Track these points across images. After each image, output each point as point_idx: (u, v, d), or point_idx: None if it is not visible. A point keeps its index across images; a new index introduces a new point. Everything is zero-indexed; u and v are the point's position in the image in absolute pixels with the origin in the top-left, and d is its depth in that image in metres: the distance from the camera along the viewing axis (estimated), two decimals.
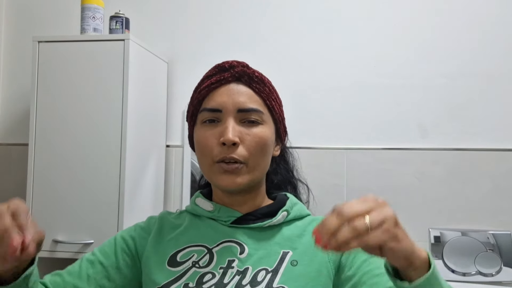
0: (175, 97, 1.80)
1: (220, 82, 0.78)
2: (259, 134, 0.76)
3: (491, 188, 1.58)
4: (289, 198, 0.84)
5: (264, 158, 0.78)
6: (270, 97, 0.80)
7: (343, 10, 1.73)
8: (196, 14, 1.81)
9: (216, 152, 0.75)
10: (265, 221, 0.78)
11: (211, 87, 0.78)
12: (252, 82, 0.78)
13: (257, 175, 0.78)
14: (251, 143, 0.75)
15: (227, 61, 0.80)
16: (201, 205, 0.83)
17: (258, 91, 0.78)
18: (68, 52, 1.47)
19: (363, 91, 1.69)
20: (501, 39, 1.63)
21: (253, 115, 0.76)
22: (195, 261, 0.75)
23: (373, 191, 1.78)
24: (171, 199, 1.77)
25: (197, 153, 0.80)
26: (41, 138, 1.46)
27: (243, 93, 0.77)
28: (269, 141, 0.78)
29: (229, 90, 0.77)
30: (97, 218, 1.42)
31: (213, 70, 0.80)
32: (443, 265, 1.55)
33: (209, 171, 0.77)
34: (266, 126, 0.78)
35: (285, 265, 0.73)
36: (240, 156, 0.74)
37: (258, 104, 0.78)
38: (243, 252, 0.75)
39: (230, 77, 0.78)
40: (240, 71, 0.78)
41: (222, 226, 0.79)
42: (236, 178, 0.75)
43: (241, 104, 0.76)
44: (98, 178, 1.43)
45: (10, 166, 1.84)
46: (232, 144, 0.74)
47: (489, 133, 1.61)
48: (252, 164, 0.76)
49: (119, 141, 1.43)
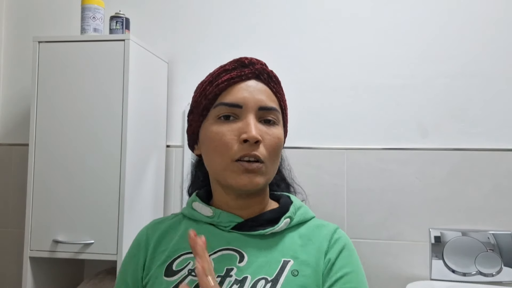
0: (175, 97, 1.80)
1: (241, 77, 0.74)
2: (278, 135, 0.75)
3: (491, 188, 1.58)
4: (293, 202, 0.80)
5: (278, 159, 0.76)
6: (283, 98, 0.79)
7: (343, 10, 1.73)
8: (196, 14, 1.81)
9: (236, 149, 0.71)
10: (267, 229, 0.74)
11: (231, 81, 0.74)
12: (270, 81, 0.77)
13: (270, 177, 0.75)
14: (271, 143, 0.73)
15: (246, 57, 0.77)
16: (199, 210, 0.79)
17: (275, 90, 0.77)
18: (68, 52, 1.47)
19: (364, 91, 1.69)
20: (502, 40, 1.63)
21: (272, 114, 0.74)
22: (191, 269, 0.72)
23: (373, 191, 1.81)
24: (171, 199, 1.77)
25: (208, 151, 0.75)
26: (41, 138, 1.46)
27: (263, 91, 0.75)
28: (283, 143, 0.77)
29: (249, 86, 0.74)
30: (97, 218, 1.42)
31: (232, 64, 0.77)
32: (444, 265, 1.55)
33: (225, 170, 0.72)
34: (280, 127, 0.76)
35: (286, 275, 0.70)
36: (261, 154, 0.71)
37: (276, 104, 0.76)
38: (242, 260, 0.72)
39: (250, 73, 0.75)
40: (260, 68, 0.76)
41: (221, 232, 0.76)
42: (255, 177, 0.71)
43: (263, 102, 0.73)
44: (98, 178, 1.43)
45: (10, 166, 1.84)
46: (255, 142, 0.71)
47: (489, 133, 1.61)
48: (269, 165, 0.73)
49: (119, 141, 1.43)
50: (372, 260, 1.61)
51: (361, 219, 1.64)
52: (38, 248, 1.43)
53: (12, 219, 1.81)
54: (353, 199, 1.65)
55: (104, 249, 1.41)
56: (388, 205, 1.63)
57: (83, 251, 1.41)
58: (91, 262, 1.76)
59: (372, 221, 1.64)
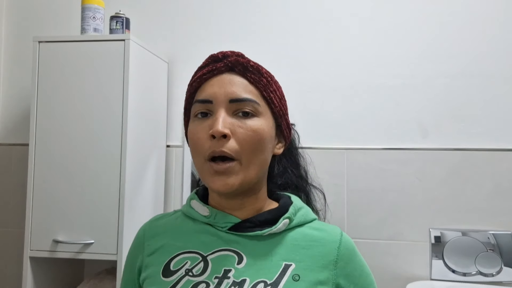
0: (175, 97, 1.80)
1: (212, 72, 0.72)
2: (253, 127, 0.69)
3: (491, 188, 1.58)
4: (293, 203, 0.77)
5: (260, 154, 0.70)
6: (267, 89, 0.73)
7: (343, 10, 1.73)
8: (196, 14, 1.81)
9: (206, 147, 0.69)
10: (265, 229, 0.72)
11: (203, 78, 0.73)
12: (246, 72, 0.72)
13: (251, 175, 0.70)
14: (244, 136, 0.68)
15: (222, 51, 0.74)
16: (196, 209, 0.77)
17: (253, 81, 0.72)
18: (68, 52, 1.47)
19: (364, 91, 1.69)
20: (502, 40, 1.63)
21: (247, 105, 0.70)
22: (188, 268, 0.71)
23: (373, 191, 1.80)
24: (171, 199, 1.77)
25: (191, 152, 0.74)
26: (41, 138, 1.46)
27: (236, 83, 0.71)
28: (266, 135, 0.71)
29: (221, 80, 0.72)
30: (98, 218, 1.42)
31: (206, 61, 0.75)
32: (444, 265, 1.55)
33: (201, 171, 0.71)
34: (262, 118, 0.71)
35: (286, 279, 0.68)
36: (230, 150, 0.67)
37: (253, 95, 0.71)
38: (241, 262, 0.70)
39: (222, 66, 0.72)
40: (233, 61, 0.72)
41: (219, 232, 0.74)
42: (227, 179, 0.68)
43: (233, 94, 0.70)
44: (99, 178, 1.43)
45: (10, 166, 1.84)
46: (223, 136, 0.67)
47: (489, 133, 1.61)
48: (246, 161, 0.69)
49: (119, 141, 1.43)
50: (372, 260, 1.61)
51: (361, 219, 1.64)
52: (38, 248, 1.43)
53: (12, 219, 1.81)
54: (353, 199, 1.65)
55: (104, 249, 1.41)
56: (388, 205, 1.63)
57: (83, 251, 1.41)
58: (91, 262, 1.76)
59: (372, 221, 1.64)
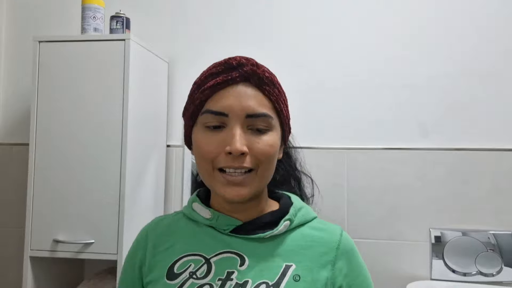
0: (176, 97, 1.80)
1: (227, 82, 0.70)
2: (269, 142, 0.70)
3: (491, 188, 1.58)
4: (293, 203, 0.78)
5: (272, 166, 0.73)
6: (279, 100, 0.73)
7: (344, 11, 1.73)
8: (197, 14, 1.81)
9: (220, 159, 0.69)
10: (266, 232, 0.73)
11: (217, 87, 0.70)
12: (262, 84, 0.71)
13: (263, 184, 0.73)
14: (261, 152, 0.69)
15: (234, 58, 0.71)
16: (198, 211, 0.77)
17: (267, 93, 0.71)
18: (68, 52, 1.47)
19: (364, 91, 1.69)
20: (501, 39, 1.63)
21: (262, 122, 0.69)
22: (192, 271, 0.71)
23: (373, 191, 1.80)
24: (171, 199, 1.77)
25: (196, 157, 0.74)
26: (41, 138, 1.46)
27: (252, 96, 0.69)
28: (277, 148, 0.73)
29: (236, 92, 0.69)
30: (98, 218, 1.42)
31: (219, 67, 0.72)
32: (444, 265, 1.55)
33: (211, 177, 0.71)
34: (274, 132, 0.72)
35: (287, 280, 0.69)
36: (248, 164, 0.69)
37: (268, 109, 0.71)
38: (244, 264, 0.71)
39: (238, 77, 0.70)
40: (249, 71, 0.70)
41: (221, 234, 0.74)
42: (241, 189, 0.69)
43: (249, 108, 0.69)
44: (99, 178, 1.43)
45: (10, 166, 1.84)
46: (240, 154, 0.67)
47: (489, 133, 1.61)
48: (261, 172, 0.70)
49: (120, 141, 1.43)
50: (372, 260, 1.61)
51: (361, 219, 1.64)
52: (38, 248, 1.43)
53: (13, 218, 1.81)
54: (353, 199, 1.65)
55: (104, 248, 1.41)
56: (388, 205, 1.63)
57: (83, 251, 1.41)
58: (91, 261, 1.76)
59: (372, 221, 1.64)
